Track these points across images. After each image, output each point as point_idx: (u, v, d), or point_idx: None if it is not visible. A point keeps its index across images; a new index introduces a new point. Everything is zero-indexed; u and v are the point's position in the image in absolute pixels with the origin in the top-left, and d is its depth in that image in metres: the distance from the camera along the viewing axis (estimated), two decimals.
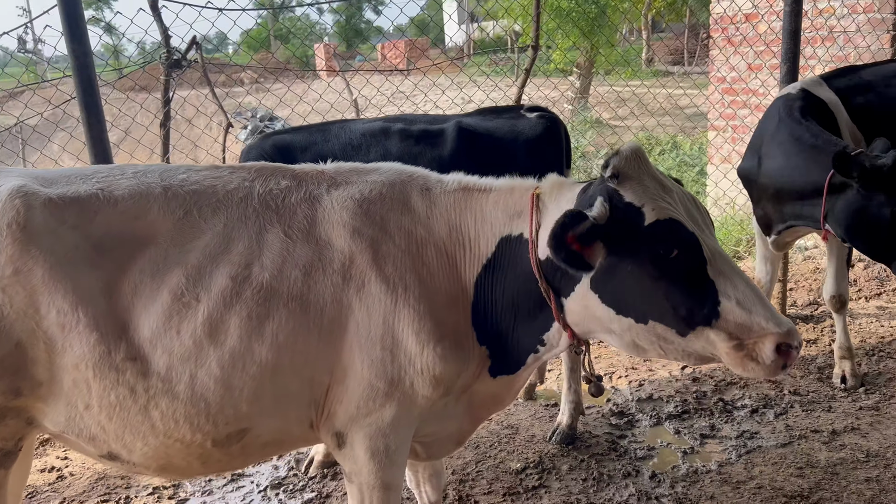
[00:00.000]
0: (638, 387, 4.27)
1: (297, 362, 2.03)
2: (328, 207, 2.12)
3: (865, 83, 4.09)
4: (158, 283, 1.96)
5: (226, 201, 2.08)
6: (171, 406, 1.99)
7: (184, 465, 2.12)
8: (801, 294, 5.47)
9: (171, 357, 1.96)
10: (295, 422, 2.14)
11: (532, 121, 3.49)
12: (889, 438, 3.57)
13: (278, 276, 2.02)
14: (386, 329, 2.06)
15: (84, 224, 1.96)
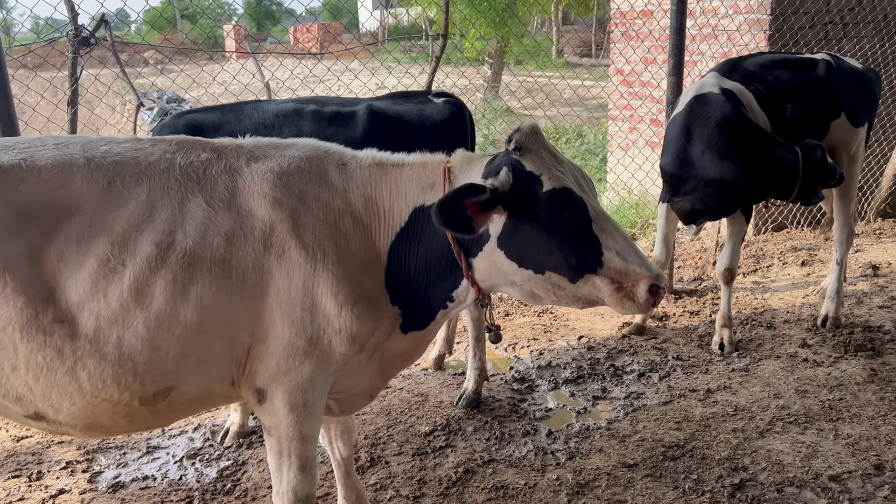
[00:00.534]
0: (538, 356, 4.59)
1: (220, 323, 2.16)
2: (248, 179, 2.25)
3: (752, 73, 4.52)
4: (84, 250, 2.04)
5: (148, 172, 2.17)
6: (99, 366, 2.08)
7: (110, 424, 2.22)
8: (688, 271, 5.96)
9: (98, 319, 2.04)
10: (217, 380, 2.26)
11: (439, 105, 3.71)
12: (755, 395, 4.02)
13: (201, 242, 2.14)
14: (305, 292, 2.21)
15: (7, 193, 2.02)
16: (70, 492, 3.35)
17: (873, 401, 3.90)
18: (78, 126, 4.53)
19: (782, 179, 4.10)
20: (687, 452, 3.51)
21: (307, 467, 2.40)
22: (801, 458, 3.42)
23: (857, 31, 6.73)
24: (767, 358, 4.46)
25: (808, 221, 6.91)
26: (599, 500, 3.18)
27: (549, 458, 3.51)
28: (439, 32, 5.32)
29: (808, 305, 5.21)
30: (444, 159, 2.40)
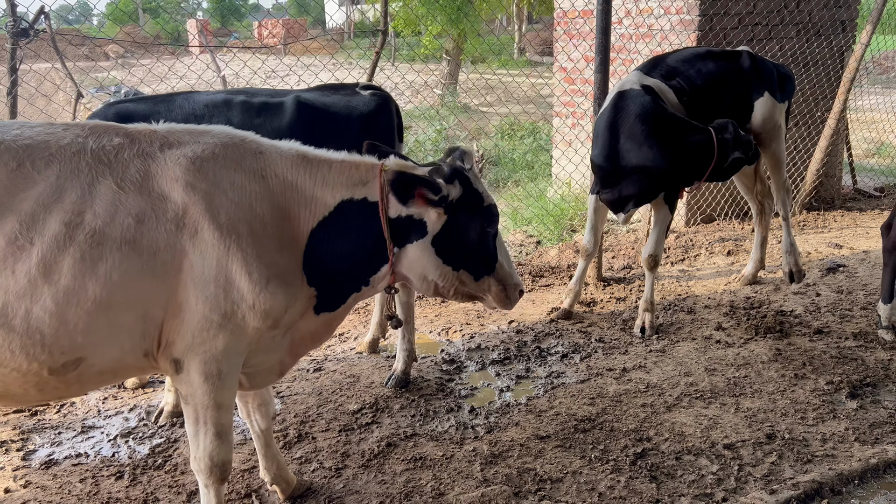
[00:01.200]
0: (469, 339, 4.80)
1: (130, 299, 2.30)
2: (162, 163, 2.38)
3: (674, 68, 4.81)
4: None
5: (59, 155, 2.28)
6: (8, 338, 2.18)
7: (21, 393, 2.33)
8: (620, 260, 6.22)
9: (6, 294, 2.15)
10: (129, 352, 2.39)
11: (365, 98, 3.88)
12: (666, 373, 4.27)
13: (111, 222, 2.25)
14: (219, 270, 2.36)
15: None
16: (3, 469, 3.46)
17: (775, 377, 4.18)
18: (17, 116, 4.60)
19: (699, 158, 4.42)
20: (597, 425, 3.74)
21: (223, 434, 2.57)
22: (701, 430, 3.67)
23: (780, 33, 7.07)
24: (684, 340, 4.72)
25: (735, 214, 7.23)
26: (510, 468, 3.39)
27: (468, 433, 3.71)
28: (379, 29, 5.48)
29: (728, 292, 5.50)
30: (377, 162, 2.66)
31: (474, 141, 11.13)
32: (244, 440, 3.68)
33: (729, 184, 7.00)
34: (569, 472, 3.35)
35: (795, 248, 5.41)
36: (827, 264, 5.95)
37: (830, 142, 7.17)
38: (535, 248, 6.92)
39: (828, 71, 7.46)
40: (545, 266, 6.11)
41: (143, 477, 3.39)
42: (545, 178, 9.31)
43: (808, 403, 3.89)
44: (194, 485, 3.31)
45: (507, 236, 7.43)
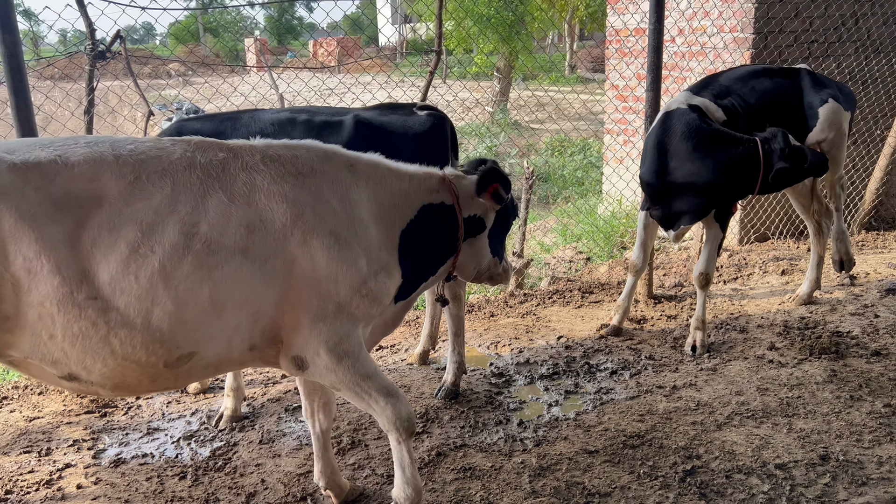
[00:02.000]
0: (518, 353, 4.86)
1: (242, 301, 2.47)
2: (266, 177, 2.56)
3: (726, 87, 4.83)
4: (115, 237, 2.30)
5: (171, 169, 2.43)
6: (130, 335, 2.35)
7: (135, 383, 2.49)
8: (671, 278, 6.20)
9: (129, 297, 2.32)
10: (237, 347, 2.55)
11: (422, 118, 4.01)
12: (717, 392, 4.25)
13: (224, 232, 2.43)
14: (330, 269, 2.58)
15: (45, 185, 2.26)
16: (75, 466, 3.66)
17: (829, 399, 4.12)
18: (93, 133, 4.87)
19: (745, 171, 4.41)
20: (646, 442, 3.75)
21: (390, 392, 2.78)
22: (752, 449, 3.65)
23: (839, 50, 6.97)
24: (736, 359, 4.69)
25: (790, 233, 7.12)
26: (559, 481, 3.43)
27: (517, 445, 3.77)
28: (433, 49, 5.63)
29: (782, 312, 5.43)
30: (440, 172, 3.04)
31: (524, 157, 11.20)
32: (300, 445, 3.81)
33: (783, 202, 6.92)
34: (617, 487, 3.37)
35: (846, 236, 5.43)
36: (886, 285, 5.82)
37: (890, 160, 7.01)
38: (585, 265, 6.95)
39: (887, 89, 7.31)
40: (595, 283, 6.13)
41: (205, 478, 3.55)
42: (595, 195, 9.32)
43: (864, 426, 3.83)
44: (253, 486, 3.45)
45: (556, 252, 7.47)
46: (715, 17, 6.76)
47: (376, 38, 55.02)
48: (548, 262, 7.25)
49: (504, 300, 5.85)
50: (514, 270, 5.94)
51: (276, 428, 3.99)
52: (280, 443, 3.84)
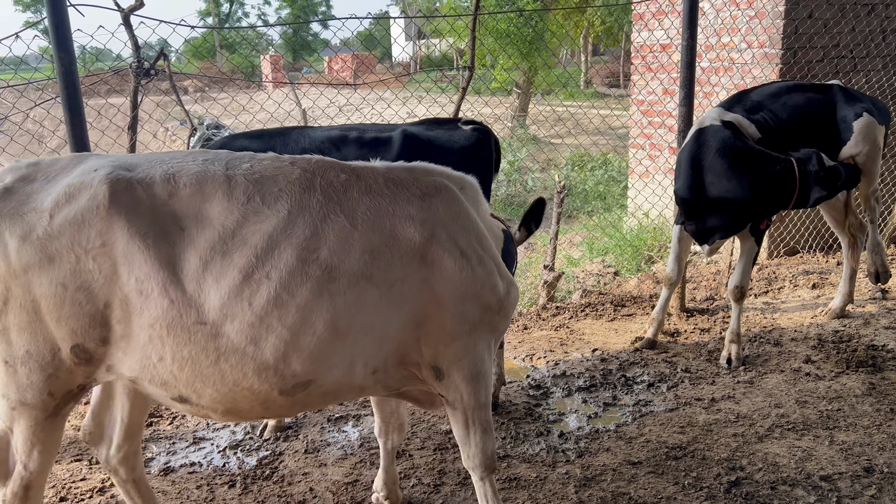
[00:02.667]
0: (554, 366, 4.89)
1: (366, 327, 2.37)
2: (391, 201, 2.46)
3: (758, 103, 4.87)
4: (228, 261, 2.23)
5: (288, 190, 2.34)
6: (241, 362, 2.26)
7: (247, 409, 2.40)
8: (702, 292, 6.22)
9: (241, 324, 2.22)
10: (359, 374, 2.44)
11: (467, 132, 4.08)
12: (756, 404, 4.27)
13: (346, 258, 2.31)
14: (465, 289, 2.50)
15: (159, 205, 2.23)
16: None
17: (869, 412, 4.13)
18: (120, 150, 4.99)
19: (781, 189, 4.47)
20: (689, 453, 3.78)
21: (488, 429, 2.72)
22: (795, 461, 3.67)
23: (867, 65, 7.01)
24: (772, 372, 4.70)
25: (820, 247, 7.13)
26: (604, 492, 3.46)
27: (559, 456, 3.80)
28: (466, 65, 5.71)
29: (815, 325, 5.44)
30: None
31: (555, 172, 11.27)
32: (344, 455, 3.86)
33: (812, 216, 6.94)
34: (663, 498, 3.40)
35: (882, 248, 5.44)
36: None
37: None
38: (614, 279, 6.98)
39: None
40: (626, 296, 6.16)
41: (254, 486, 3.60)
42: (619, 209, 9.36)
43: None
44: (301, 495, 3.51)
45: (584, 266, 7.51)
46: (744, 32, 6.82)
47: (390, 53, 55.46)
48: (576, 276, 7.30)
49: (537, 313, 5.89)
50: (546, 284, 5.99)
51: (320, 438, 4.04)
52: (325, 452, 3.90)
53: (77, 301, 2.20)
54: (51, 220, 2.20)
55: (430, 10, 49.27)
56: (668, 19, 7.62)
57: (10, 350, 2.25)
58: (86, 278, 2.19)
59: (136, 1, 4.65)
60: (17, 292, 2.20)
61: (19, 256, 2.19)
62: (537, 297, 6.29)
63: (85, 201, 2.21)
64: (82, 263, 2.19)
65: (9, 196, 2.24)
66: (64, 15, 3.82)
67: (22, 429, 2.34)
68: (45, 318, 2.22)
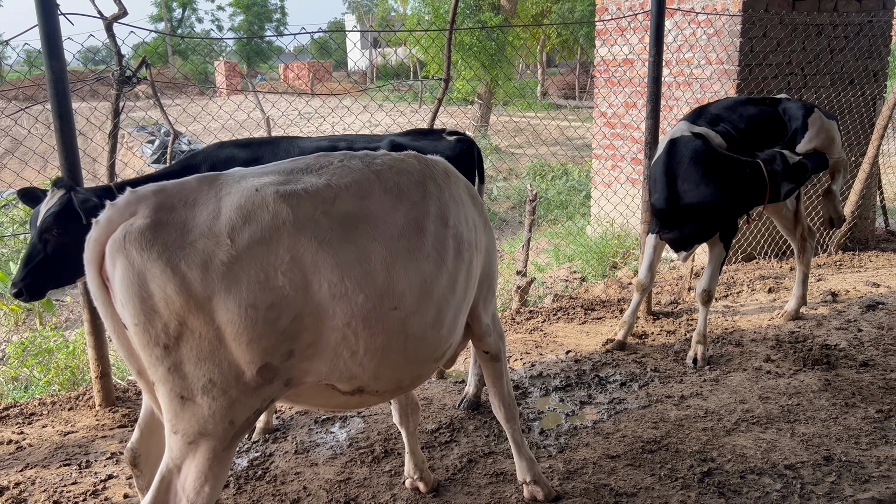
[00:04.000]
0: (530, 367, 5.08)
1: (473, 289, 2.87)
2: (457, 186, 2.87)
3: (718, 115, 5.17)
4: (405, 246, 2.46)
5: (420, 180, 2.66)
6: (424, 340, 2.55)
7: (408, 384, 2.70)
8: (666, 296, 6.50)
9: (426, 301, 2.51)
10: (460, 332, 2.87)
11: (451, 142, 4.25)
12: (723, 400, 4.53)
13: (468, 232, 2.75)
14: (494, 258, 3.13)
15: (330, 209, 2.33)
16: (117, 477, 3.77)
17: (826, 406, 4.42)
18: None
19: (753, 190, 4.78)
20: (663, 447, 4.00)
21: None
22: (761, 452, 3.92)
23: (817, 82, 7.44)
24: (735, 371, 4.98)
25: (774, 253, 7.51)
26: (587, 483, 3.65)
27: (541, 451, 3.98)
28: (436, 76, 5.89)
29: (772, 327, 5.76)
30: None
31: (519, 181, 11.52)
32: (334, 455, 3.97)
33: (768, 224, 7.31)
34: (642, 488, 3.60)
35: (835, 196, 5.72)
36: (866, 302, 6.19)
37: (864, 185, 7.47)
38: (581, 284, 7.22)
39: (861, 118, 7.80)
40: (595, 300, 6.40)
41: (248, 486, 3.68)
42: (582, 217, 9.65)
43: (861, 430, 4.13)
44: (296, 493, 3.60)
45: (551, 272, 7.74)
46: (703, 49, 7.17)
47: (345, 62, 55.32)
48: (545, 282, 7.52)
49: (511, 317, 6.09)
50: (520, 289, 6.19)
51: (309, 439, 4.14)
52: (315, 452, 4.00)
53: (269, 320, 2.16)
54: (233, 243, 2.14)
55: (384, 18, 49.34)
56: (631, 35, 7.94)
57: (185, 384, 2.15)
58: (277, 295, 2.17)
59: (120, 10, 4.71)
60: (196, 324, 2.11)
61: (204, 286, 2.10)
62: (511, 301, 6.49)
63: (268, 220, 2.20)
64: (272, 281, 2.17)
65: (163, 228, 2.11)
66: (55, 23, 3.87)
67: (198, 463, 2.22)
68: (230, 345, 2.15)
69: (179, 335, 2.10)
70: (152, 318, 2.08)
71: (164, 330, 2.09)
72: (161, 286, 2.06)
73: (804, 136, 5.28)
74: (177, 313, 2.08)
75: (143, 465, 2.83)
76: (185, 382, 2.14)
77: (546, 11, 22.94)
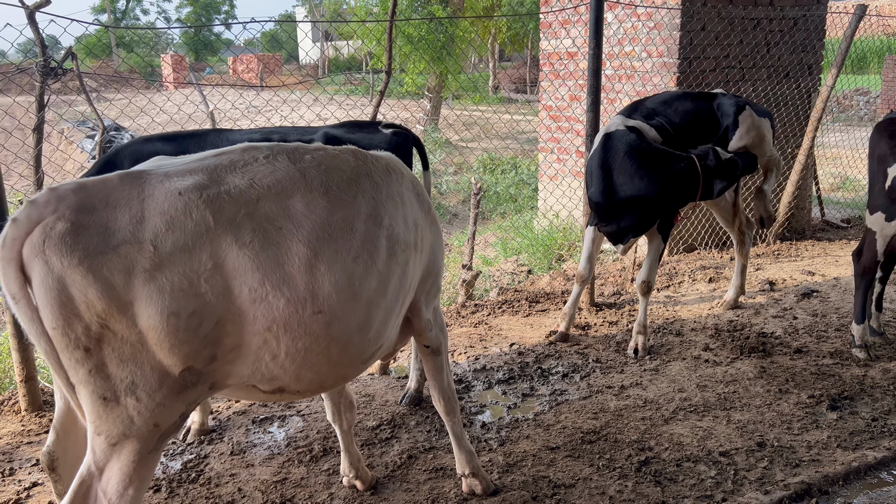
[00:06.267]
0: (474, 361, 5.07)
1: (409, 287, 2.81)
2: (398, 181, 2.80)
3: (653, 110, 5.21)
4: (332, 247, 2.37)
5: (354, 177, 2.57)
6: (349, 342, 2.47)
7: (332, 383, 2.63)
8: (609, 287, 6.57)
9: (353, 304, 2.43)
10: (396, 329, 2.84)
11: (387, 135, 4.18)
12: (662, 390, 4.58)
13: (405, 231, 2.69)
14: (440, 245, 3.08)
15: (253, 211, 2.26)
16: (43, 484, 3.62)
17: (761, 392, 4.51)
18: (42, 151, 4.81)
19: (686, 184, 4.82)
20: (602, 437, 4.02)
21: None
22: (697, 440, 3.97)
23: (754, 75, 7.59)
24: (675, 360, 5.05)
25: (714, 243, 7.66)
26: (526, 476, 3.65)
27: (482, 445, 3.97)
28: (383, 69, 5.82)
29: (712, 316, 5.86)
30: None
31: (469, 175, 11.51)
32: (272, 455, 3.89)
33: (708, 215, 7.44)
34: (580, 479, 3.62)
35: (766, 196, 5.84)
36: (801, 290, 6.35)
37: (801, 176, 7.66)
38: (527, 277, 7.24)
39: (797, 110, 7.99)
40: (540, 293, 6.43)
41: (180, 489, 3.58)
42: (530, 210, 9.69)
43: (793, 415, 4.22)
44: (230, 495, 3.52)
45: (499, 265, 7.75)
46: (644, 42, 7.25)
47: (297, 55, 54.69)
48: (492, 275, 7.52)
49: (456, 311, 6.06)
50: (465, 283, 6.17)
51: (246, 439, 4.05)
52: (252, 453, 3.91)
53: (191, 326, 2.13)
54: (156, 250, 2.09)
55: (335, 11, 48.87)
56: (574, 28, 7.98)
57: (108, 385, 2.11)
58: (199, 302, 2.14)
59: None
60: (118, 327, 2.07)
61: (125, 291, 2.05)
62: (456, 295, 6.47)
63: (191, 227, 2.15)
64: (195, 288, 2.13)
65: (84, 232, 2.04)
66: None
67: (122, 465, 2.17)
68: (152, 348, 2.12)
69: (101, 338, 2.07)
70: (72, 322, 2.04)
71: (85, 333, 2.05)
72: (82, 291, 2.02)
73: (735, 134, 5.37)
74: (98, 316, 2.05)
75: (61, 468, 2.73)
76: (107, 384, 2.11)
77: (496, 4, 22.97)
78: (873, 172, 4.85)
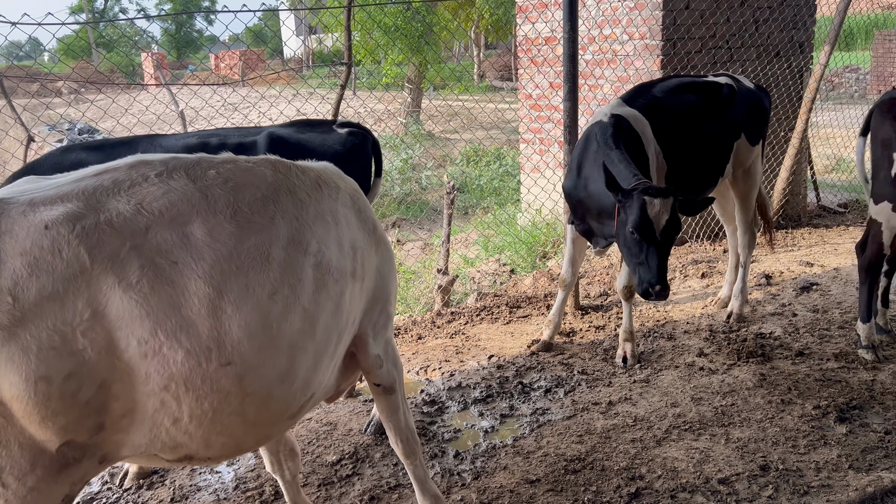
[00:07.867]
0: (449, 377, 4.65)
1: (348, 324, 2.33)
2: (343, 197, 2.38)
3: (657, 98, 4.69)
4: (242, 282, 1.93)
5: (270, 195, 2.11)
6: (268, 398, 2.01)
7: (251, 446, 2.18)
8: (595, 287, 6.15)
9: (271, 352, 1.97)
10: (333, 375, 2.38)
11: (342, 135, 3.74)
12: (653, 405, 4.18)
13: (340, 257, 2.23)
14: (391, 279, 2.62)
15: (141, 243, 1.85)
16: None
17: (762, 404, 4.11)
18: None
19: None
20: (587, 465, 3.61)
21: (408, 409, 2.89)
22: (693, 464, 3.57)
23: (742, 55, 7.15)
24: (667, 368, 4.64)
25: (707, 235, 7.24)
26: None
27: (454, 479, 3.55)
28: (343, 61, 5.38)
29: (706, 316, 5.45)
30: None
31: (449, 169, 11.07)
32: (217, 500, 3.47)
33: None
34: None
35: (745, 295, 5.34)
36: (800, 283, 5.96)
37: (795, 161, 7.25)
38: (510, 278, 6.83)
39: (788, 91, 7.57)
40: (521, 296, 6.01)
41: None
42: (514, 204, 9.26)
43: (798, 430, 3.82)
44: None
45: (480, 266, 7.33)
46: (625, 24, 6.80)
47: (281, 50, 54.03)
48: (472, 277, 7.10)
49: (431, 320, 5.64)
50: (441, 288, 5.74)
51: (190, 482, 3.62)
52: (195, 499, 3.49)
53: (66, 392, 1.73)
54: (16, 302, 1.69)
55: (318, 3, 48.19)
56: (550, 11, 7.53)
57: None
58: (76, 361, 1.74)
59: None
60: None
61: None
62: (432, 302, 6.05)
63: (62, 269, 1.74)
64: (69, 345, 1.73)
65: None
66: None
67: None
68: (19, 423, 1.73)
69: None
70: None
71: None
72: None
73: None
74: None
75: None
76: None
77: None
78: (877, 158, 4.42)
